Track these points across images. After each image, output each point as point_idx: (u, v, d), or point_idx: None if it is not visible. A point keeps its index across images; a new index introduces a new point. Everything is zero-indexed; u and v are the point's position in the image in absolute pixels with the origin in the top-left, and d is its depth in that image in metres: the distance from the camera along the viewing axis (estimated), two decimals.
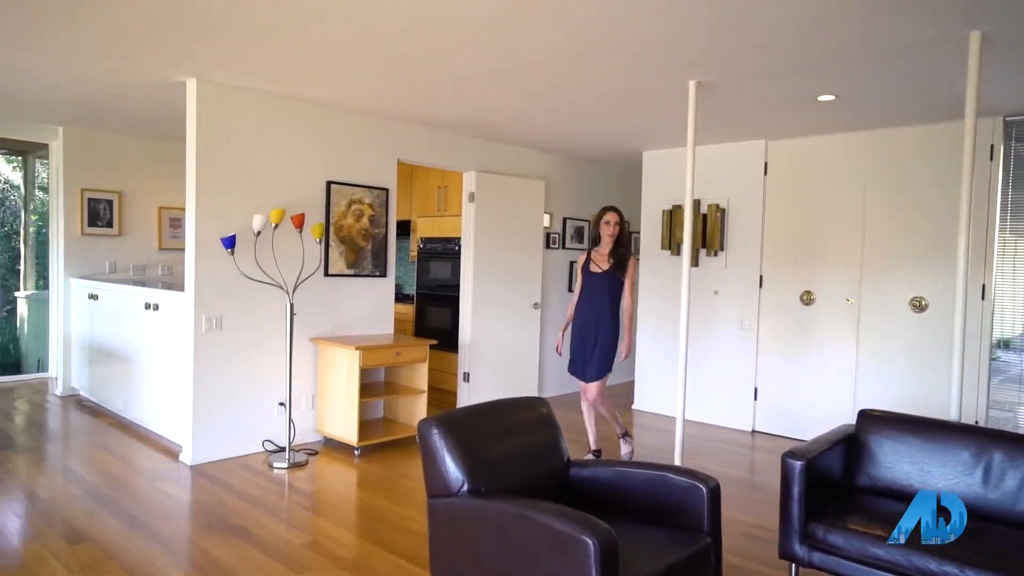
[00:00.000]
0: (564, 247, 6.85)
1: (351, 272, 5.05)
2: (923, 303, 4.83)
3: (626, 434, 4.64)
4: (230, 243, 4.15)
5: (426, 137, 5.52)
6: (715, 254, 5.87)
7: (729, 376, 5.77)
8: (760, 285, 5.63)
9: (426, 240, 6.52)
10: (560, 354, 4.60)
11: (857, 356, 5.13)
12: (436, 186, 6.45)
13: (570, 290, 6.97)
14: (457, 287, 6.23)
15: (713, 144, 5.75)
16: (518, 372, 6.24)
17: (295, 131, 4.67)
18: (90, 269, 6.25)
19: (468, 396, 5.91)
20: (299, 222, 4.42)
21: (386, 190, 5.26)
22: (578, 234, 7.01)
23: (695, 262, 5.97)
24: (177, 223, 6.86)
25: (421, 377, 4.97)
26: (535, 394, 6.43)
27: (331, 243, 4.90)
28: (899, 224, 4.95)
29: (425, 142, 5.52)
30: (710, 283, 5.87)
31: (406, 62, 3.74)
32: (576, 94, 4.32)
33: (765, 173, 5.58)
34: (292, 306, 4.42)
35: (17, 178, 10.08)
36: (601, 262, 4.36)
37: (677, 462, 4.01)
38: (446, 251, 6.42)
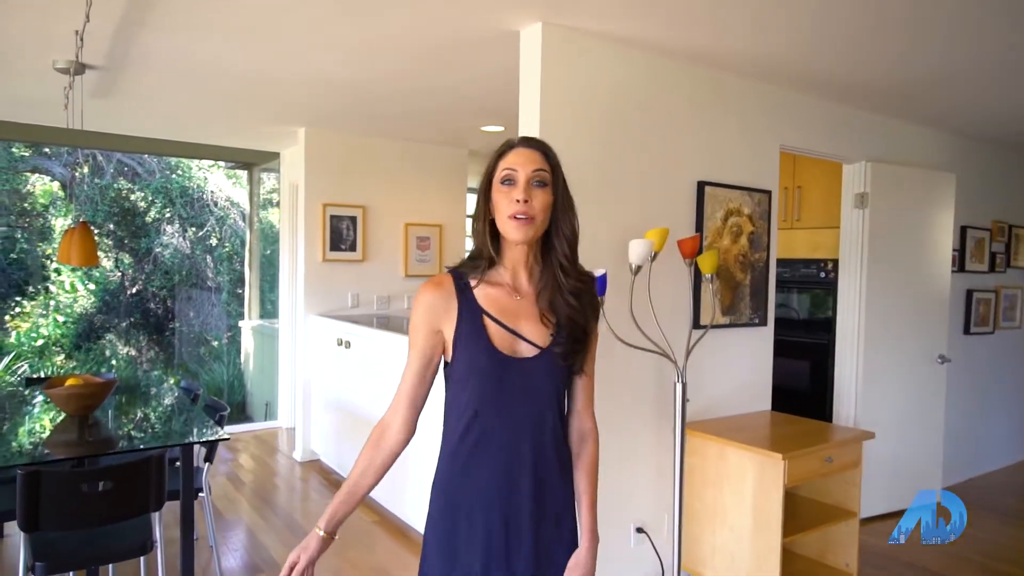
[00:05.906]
0: (963, 269, 4.69)
1: (726, 321, 3.30)
2: None
3: None
4: (600, 287, 2.53)
5: (811, 113, 3.66)
6: None
7: None
8: None
9: None
10: None
11: None
12: (783, 187, 4.56)
13: (966, 331, 4.78)
14: (818, 329, 4.31)
15: None
16: (915, 455, 4.18)
17: (655, 102, 3.00)
18: (330, 303, 5.03)
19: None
20: (690, 249, 2.72)
21: (768, 193, 3.47)
22: (979, 250, 4.81)
23: None
24: (425, 243, 5.52)
25: (850, 491, 3.10)
26: (936, 486, 4.33)
27: (701, 278, 3.18)
28: None
29: (811, 121, 3.67)
30: None
31: None
32: None
33: None
34: (685, 386, 2.72)
35: (238, 195, 9.52)
36: (524, 321, 1.37)
37: None
38: (802, 278, 4.51)
